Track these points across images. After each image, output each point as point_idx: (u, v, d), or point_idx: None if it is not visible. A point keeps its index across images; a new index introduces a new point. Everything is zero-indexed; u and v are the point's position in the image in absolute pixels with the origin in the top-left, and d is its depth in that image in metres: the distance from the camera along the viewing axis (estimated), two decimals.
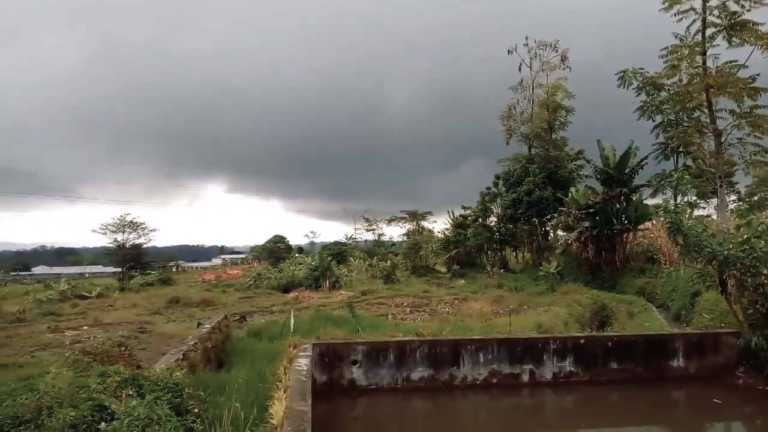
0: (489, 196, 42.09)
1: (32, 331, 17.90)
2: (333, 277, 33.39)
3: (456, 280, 34.59)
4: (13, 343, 15.46)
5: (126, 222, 41.19)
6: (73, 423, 6.28)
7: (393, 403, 11.19)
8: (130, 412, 6.52)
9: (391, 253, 48.97)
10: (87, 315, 22.07)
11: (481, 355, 11.80)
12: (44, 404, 6.56)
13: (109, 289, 36.14)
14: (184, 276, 56.99)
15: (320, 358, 11.17)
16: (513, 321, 16.74)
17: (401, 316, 20.65)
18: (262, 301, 28.14)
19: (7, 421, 6.35)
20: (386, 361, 11.44)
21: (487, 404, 11.61)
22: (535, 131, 41.08)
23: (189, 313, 22.64)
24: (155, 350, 13.29)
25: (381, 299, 25.81)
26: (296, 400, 6.87)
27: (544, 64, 41.62)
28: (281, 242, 66.96)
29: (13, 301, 27.68)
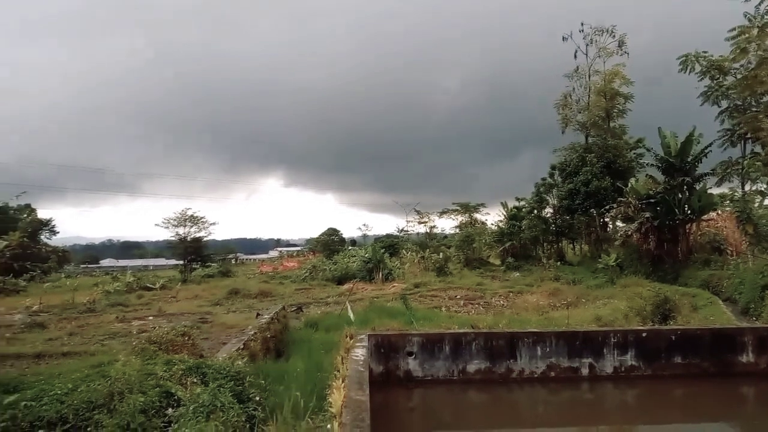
0: (544, 187, 41.19)
1: (102, 320, 18.78)
2: (386, 270, 33.50)
3: (510, 273, 34.12)
4: (85, 332, 16.26)
5: (187, 216, 42.64)
6: (142, 408, 6.56)
7: (449, 394, 11.17)
8: (195, 399, 6.77)
9: (443, 245, 48.61)
10: (152, 306, 22.96)
11: (539, 348, 11.62)
12: (116, 390, 6.87)
13: (171, 280, 37.42)
14: (243, 268, 58.34)
15: (376, 349, 11.25)
16: (571, 314, 16.43)
17: (455, 308, 20.56)
18: (317, 292, 28.56)
19: (82, 406, 6.68)
20: (441, 352, 11.42)
21: (545, 397, 11.42)
22: (592, 119, 39.88)
23: (248, 303, 23.23)
24: (216, 340, 13.72)
25: (434, 292, 25.74)
26: (354, 390, 6.94)
27: (600, 51, 40.33)
28: (335, 235, 67.78)
29: (83, 292, 29.07)
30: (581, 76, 41.24)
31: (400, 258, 43.72)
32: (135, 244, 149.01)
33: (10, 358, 12.17)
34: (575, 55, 41.11)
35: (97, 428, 6.37)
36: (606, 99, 39.53)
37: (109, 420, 6.37)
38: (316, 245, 69.14)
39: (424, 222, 55.61)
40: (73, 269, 60.77)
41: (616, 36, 39.66)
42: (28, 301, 23.78)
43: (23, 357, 12.48)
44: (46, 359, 12.27)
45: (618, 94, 39.98)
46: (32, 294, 26.95)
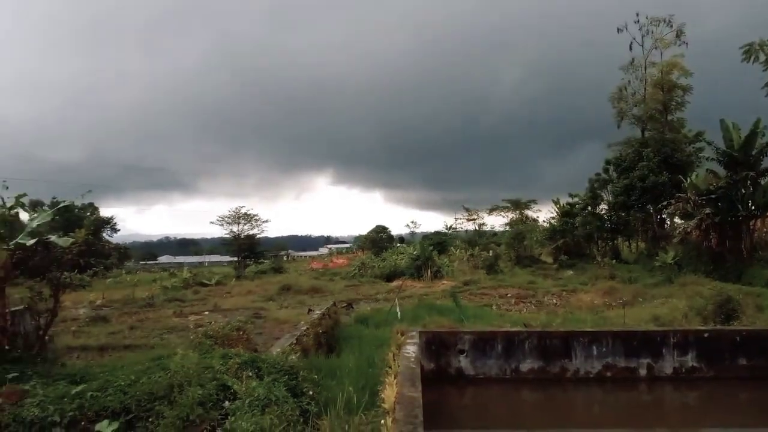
0: (598, 183, 40.16)
1: (160, 315, 19.40)
2: (434, 267, 33.38)
3: (563, 271, 33.41)
4: (145, 326, 16.84)
5: (241, 214, 43.76)
6: (200, 401, 6.72)
7: (501, 393, 11.02)
8: (250, 393, 6.89)
9: (493, 243, 48.10)
10: (207, 301, 23.58)
11: (595, 348, 11.32)
12: (175, 382, 7.07)
13: (226, 277, 38.38)
14: (294, 265, 59.39)
15: (427, 346, 11.21)
16: (627, 313, 15.94)
17: (506, 307, 20.27)
18: (366, 289, 28.72)
19: (144, 397, 6.92)
20: (494, 351, 11.28)
21: (602, 398, 11.13)
22: (649, 113, 38.60)
23: (299, 299, 23.55)
24: (269, 335, 13.94)
25: (484, 290, 25.48)
26: (406, 386, 6.93)
27: (657, 41, 38.97)
28: (383, 232, 68.10)
29: (143, 287, 30.18)
30: (637, 69, 39.98)
31: (449, 255, 43.50)
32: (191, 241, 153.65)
33: (76, 350, 12.71)
34: (630, 46, 39.91)
35: (158, 419, 6.57)
36: (663, 91, 38.16)
37: (169, 411, 6.56)
38: (365, 242, 69.67)
39: (473, 219, 55.14)
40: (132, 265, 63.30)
41: (674, 26, 38.25)
42: (92, 295, 24.88)
43: (88, 349, 13.02)
44: (109, 351, 12.76)
45: (676, 86, 38.54)
46: (96, 289, 28.19)
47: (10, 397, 6.96)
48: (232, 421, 6.18)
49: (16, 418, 6.62)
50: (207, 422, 6.54)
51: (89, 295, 24.61)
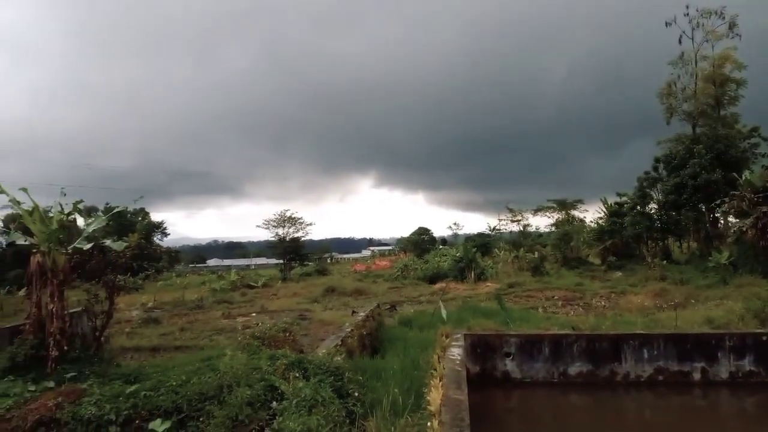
0: (648, 182, 38.95)
1: (209, 317, 19.88)
2: (478, 269, 33.07)
3: (612, 273, 32.57)
4: (194, 327, 17.27)
5: (286, 217, 44.45)
6: (249, 401, 6.86)
7: (549, 397, 10.84)
8: (297, 393, 6.98)
9: (538, 244, 47.34)
10: (254, 303, 24.02)
11: (646, 351, 11.02)
12: (224, 383, 7.24)
13: (272, 279, 38.98)
14: (338, 267, 59.81)
15: (472, 349, 11.13)
16: (679, 316, 15.41)
17: (552, 309, 19.92)
18: (409, 291, 28.69)
19: (194, 397, 7.10)
20: (541, 354, 11.11)
21: (653, 403, 10.80)
22: (700, 108, 37.23)
23: (343, 301, 23.73)
24: (315, 336, 14.09)
25: (529, 292, 25.10)
26: (452, 389, 6.89)
27: (708, 34, 37.56)
28: (425, 234, 67.86)
29: (192, 290, 31.03)
30: (687, 63, 38.61)
31: (493, 257, 43.03)
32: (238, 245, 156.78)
33: (130, 351, 13.15)
34: (680, 40, 38.59)
35: (209, 419, 6.73)
36: (715, 86, 36.75)
37: (219, 411, 6.71)
38: (407, 244, 69.62)
39: (518, 220, 54.37)
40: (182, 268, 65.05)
41: (726, 17, 36.83)
42: (144, 298, 25.67)
43: (141, 350, 13.45)
44: (161, 352, 13.14)
45: (729, 80, 37.04)
46: (147, 292, 29.07)
47: (69, 395, 7.25)
48: (280, 422, 6.26)
49: (75, 416, 6.89)
50: (255, 422, 6.66)
51: (141, 298, 25.41)
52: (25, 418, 6.92)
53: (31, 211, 9.34)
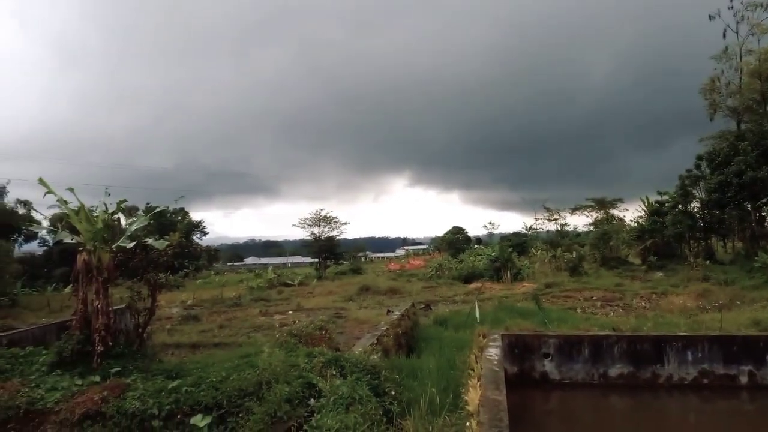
0: (690, 180, 37.87)
1: (247, 314, 20.19)
2: (514, 269, 32.71)
3: (652, 273, 31.78)
4: (233, 324, 17.56)
5: (321, 217, 44.84)
6: (287, 398, 6.94)
7: (589, 399, 10.64)
8: (334, 391, 7.02)
9: (576, 243, 46.52)
10: (291, 301, 24.29)
11: (689, 353, 10.71)
12: (263, 380, 7.34)
13: (308, 277, 39.37)
14: (372, 266, 59.98)
15: (510, 349, 11.01)
16: (724, 317, 14.94)
17: (591, 310, 19.58)
18: (444, 290, 28.57)
19: (234, 393, 7.22)
20: (580, 355, 10.91)
21: (698, 406, 10.50)
22: (746, 104, 35.93)
23: (378, 300, 23.79)
24: (350, 334, 14.17)
25: (567, 292, 24.71)
26: (490, 389, 6.83)
27: (753, 27, 36.23)
28: (460, 233, 67.48)
29: (230, 288, 31.55)
30: (731, 57, 37.34)
31: (529, 257, 42.48)
32: (274, 243, 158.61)
33: (170, 347, 13.46)
34: (724, 34, 37.37)
35: (248, 415, 6.83)
36: (761, 80, 35.44)
37: (258, 407, 6.81)
38: (442, 244, 69.32)
39: (555, 219, 53.53)
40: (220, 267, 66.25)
41: None
42: (184, 295, 26.23)
43: (182, 346, 13.75)
44: (200, 349, 13.42)
45: None
46: (187, 289, 29.70)
47: (114, 390, 7.45)
48: (318, 419, 6.31)
49: (120, 409, 7.09)
50: (294, 419, 6.73)
51: (181, 295, 25.97)
52: (73, 411, 7.15)
53: (78, 210, 9.62)
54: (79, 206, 9.65)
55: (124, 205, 10.67)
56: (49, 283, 35.80)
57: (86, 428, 7.01)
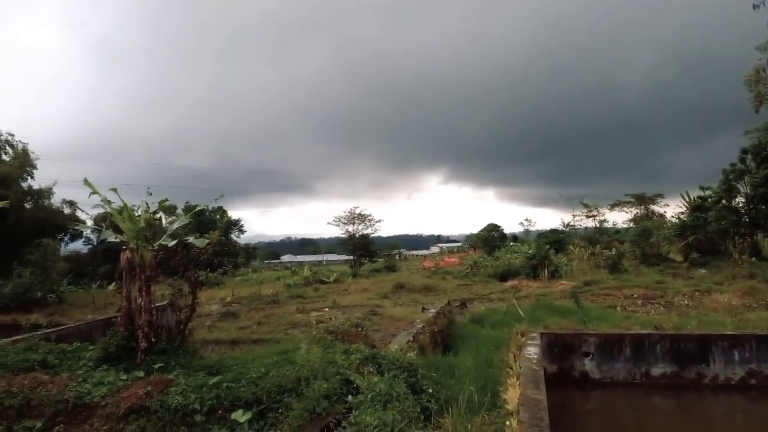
0: (734, 174, 36.66)
1: (284, 311, 20.39)
2: (552, 266, 32.21)
3: (695, 270, 30.89)
4: (270, 321, 17.75)
5: (355, 214, 45.07)
6: (326, 394, 6.99)
7: (630, 398, 10.43)
8: (372, 388, 7.04)
9: (615, 240, 45.56)
10: (327, 298, 24.42)
11: (736, 353, 10.40)
12: (302, 376, 7.41)
13: (343, 274, 39.54)
14: (406, 263, 59.89)
15: (549, 348, 10.87)
16: None
17: (631, 308, 19.12)
18: (479, 288, 28.32)
19: (273, 389, 7.31)
20: (621, 354, 10.71)
21: (745, 407, 10.19)
22: None
23: (413, 298, 23.72)
24: (386, 332, 14.15)
25: (607, 290, 24.19)
26: (530, 388, 6.75)
27: None
28: (495, 231, 66.82)
29: (267, 285, 31.93)
30: None
31: (567, 254, 41.81)
32: (310, 241, 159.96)
33: (210, 344, 13.68)
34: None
35: (287, 410, 6.91)
36: None
37: (297, 403, 6.88)
38: (477, 241, 68.85)
39: (593, 215, 52.58)
40: (258, 264, 67.19)
41: None
42: (223, 292, 26.67)
43: (221, 342, 13.97)
44: (239, 345, 13.60)
45: None
46: (226, 286, 30.20)
47: (157, 385, 7.64)
48: (356, 415, 6.33)
49: (163, 404, 7.26)
50: (332, 415, 6.78)
51: (220, 293, 26.40)
52: (119, 406, 7.35)
53: (121, 210, 9.87)
54: (122, 206, 9.90)
55: (165, 205, 10.90)
56: (94, 280, 36.85)
57: (131, 422, 7.20)
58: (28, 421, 7.45)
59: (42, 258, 25.65)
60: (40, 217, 30.52)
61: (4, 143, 31.17)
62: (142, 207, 10.39)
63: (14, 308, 20.91)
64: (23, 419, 7.49)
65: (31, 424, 7.41)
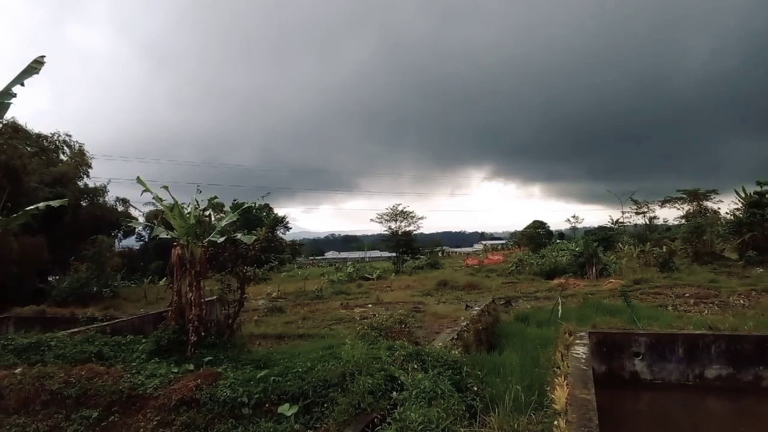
0: None
1: (328, 306, 20.64)
2: (600, 264, 31.53)
3: (752, 269, 29.66)
4: (315, 316, 17.99)
5: (398, 212, 45.14)
6: (370, 389, 7.01)
7: (683, 401, 10.09)
8: (416, 384, 7.04)
9: (666, 238, 44.21)
10: (370, 294, 24.59)
11: None
12: (347, 371, 7.46)
13: (386, 271, 39.72)
14: (449, 261, 59.60)
15: (597, 347, 10.64)
16: None
17: (683, 307, 18.52)
18: (525, 286, 27.96)
19: (319, 384, 7.39)
20: (674, 355, 10.38)
21: None
22: None
23: (456, 295, 23.60)
24: (429, 329, 14.13)
25: (657, 289, 23.52)
26: (578, 388, 6.62)
27: None
28: (541, 228, 65.72)
29: (312, 281, 32.36)
30: None
31: (616, 252, 40.82)
32: (353, 238, 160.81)
33: (257, 338, 13.95)
34: None
35: (333, 405, 6.98)
36: None
37: (342, 398, 6.94)
38: (521, 238, 67.91)
39: (643, 212, 51.14)
40: (302, 261, 68.10)
41: None
42: (269, 288, 27.16)
43: (268, 337, 14.23)
44: (285, 340, 13.82)
45: None
46: (272, 282, 30.75)
47: (207, 378, 7.83)
48: (400, 412, 6.33)
49: (212, 397, 7.44)
50: (377, 411, 6.80)
51: (266, 288, 26.90)
52: (170, 397, 7.58)
53: (172, 207, 10.17)
54: (173, 203, 10.19)
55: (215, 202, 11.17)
56: (145, 275, 38.05)
57: (182, 414, 7.41)
58: (86, 410, 7.76)
59: (97, 254, 26.62)
60: (95, 214, 31.69)
61: (62, 144, 32.49)
62: (192, 204, 10.66)
63: (71, 302, 21.76)
64: (81, 408, 7.80)
65: (88, 413, 7.71)
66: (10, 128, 27.57)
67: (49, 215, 14.89)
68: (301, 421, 7.05)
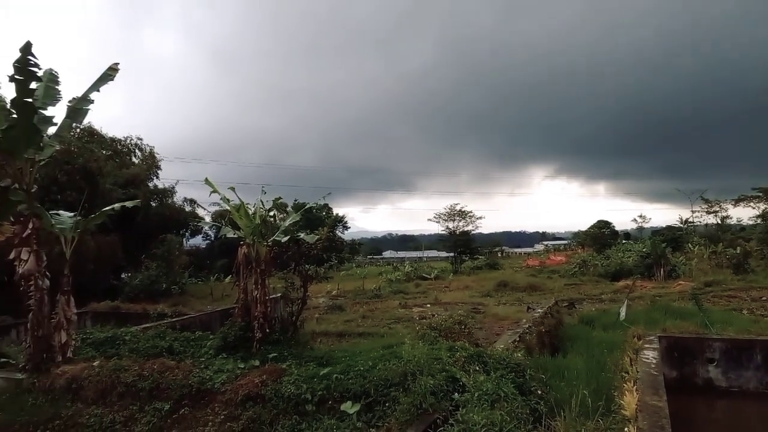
0: None
1: (387, 305, 20.75)
2: (668, 266, 30.33)
3: None
4: (374, 315, 18.13)
5: (456, 211, 44.83)
6: (432, 390, 6.98)
7: (762, 410, 9.56)
8: (478, 387, 6.95)
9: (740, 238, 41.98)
10: (428, 294, 24.55)
11: None
12: (408, 371, 7.45)
13: (444, 271, 39.53)
14: (509, 261, 58.72)
15: (668, 352, 10.23)
16: None
17: (760, 312, 17.56)
18: (589, 288, 27.23)
19: (381, 382, 7.41)
20: (751, 362, 9.85)
21: None
22: None
23: (516, 296, 23.24)
24: (489, 330, 13.98)
25: (731, 292, 22.44)
26: (648, 394, 6.39)
27: None
28: (606, 228, 63.76)
29: (371, 280, 32.61)
30: None
31: (685, 253, 39.14)
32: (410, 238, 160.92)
33: (319, 336, 14.19)
34: None
35: (394, 404, 6.99)
36: None
37: (404, 398, 6.94)
38: (585, 239, 66.12)
39: (715, 211, 48.75)
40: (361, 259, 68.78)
41: None
42: (329, 286, 27.53)
43: (329, 334, 14.45)
44: (346, 337, 14.00)
45: None
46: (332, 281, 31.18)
47: (271, 374, 8.01)
48: (463, 413, 6.28)
49: (277, 393, 7.59)
50: (439, 412, 6.77)
51: (327, 286, 27.28)
52: (236, 392, 7.79)
53: (238, 207, 10.46)
54: (239, 204, 10.48)
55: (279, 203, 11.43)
56: (212, 273, 39.30)
57: (248, 409, 7.60)
58: (158, 402, 8.08)
59: (167, 252, 27.68)
60: (164, 214, 32.97)
61: (134, 147, 34.00)
62: (257, 205, 10.94)
63: (143, 298, 22.77)
64: (153, 401, 8.13)
65: (160, 405, 8.02)
66: (87, 133, 29.10)
67: (123, 215, 15.61)
68: (363, 419, 7.08)
